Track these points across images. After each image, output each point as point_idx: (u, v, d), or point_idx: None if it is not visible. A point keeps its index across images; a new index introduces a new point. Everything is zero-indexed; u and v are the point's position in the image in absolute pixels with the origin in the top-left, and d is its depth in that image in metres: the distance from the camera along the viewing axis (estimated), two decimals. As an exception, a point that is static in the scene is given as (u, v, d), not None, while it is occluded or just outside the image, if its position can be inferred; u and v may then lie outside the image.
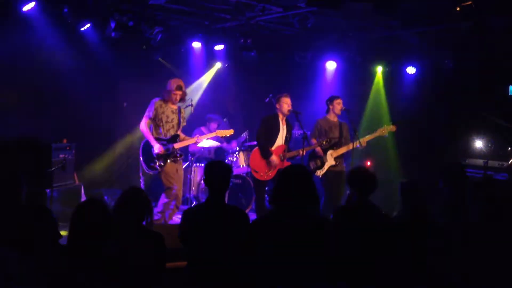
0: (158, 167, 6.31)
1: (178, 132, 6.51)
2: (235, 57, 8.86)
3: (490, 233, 3.29)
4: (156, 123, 6.42)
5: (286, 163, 6.66)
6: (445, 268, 3.42)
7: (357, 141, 6.74)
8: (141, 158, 6.48)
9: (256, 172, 6.69)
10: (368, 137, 6.98)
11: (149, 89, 7.28)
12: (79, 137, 7.46)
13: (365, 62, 9.06)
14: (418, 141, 8.97)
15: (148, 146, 6.39)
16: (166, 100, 6.41)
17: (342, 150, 6.95)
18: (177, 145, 6.39)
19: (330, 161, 6.91)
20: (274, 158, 6.62)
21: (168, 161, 6.34)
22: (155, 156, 6.30)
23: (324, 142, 6.76)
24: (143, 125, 6.42)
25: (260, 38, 8.47)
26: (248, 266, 3.22)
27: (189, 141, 6.62)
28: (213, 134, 6.98)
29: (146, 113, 6.42)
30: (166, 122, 6.41)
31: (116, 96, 8.51)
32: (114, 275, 2.96)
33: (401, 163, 8.99)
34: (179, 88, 6.35)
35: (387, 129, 7.07)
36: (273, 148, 6.70)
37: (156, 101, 6.42)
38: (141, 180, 6.82)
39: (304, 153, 6.66)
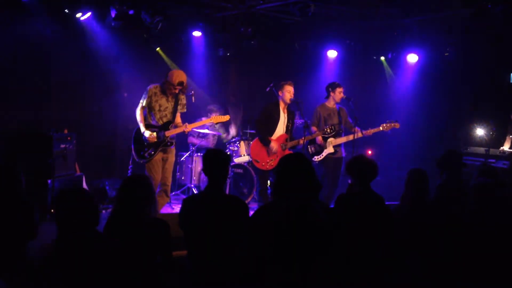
0: (148, 156, 6.24)
1: (175, 119, 6.44)
2: (236, 46, 8.83)
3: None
4: (149, 110, 6.36)
5: (288, 152, 6.64)
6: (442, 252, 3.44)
7: (358, 133, 6.74)
8: (132, 147, 6.35)
9: (257, 162, 6.66)
10: (370, 131, 6.94)
11: (150, 79, 7.23)
12: (80, 127, 7.46)
13: (366, 50, 9.02)
14: (420, 129, 8.96)
15: (139, 134, 6.28)
16: (163, 89, 6.36)
17: (342, 140, 6.97)
18: (168, 133, 6.32)
19: (329, 149, 6.93)
20: (272, 145, 6.61)
21: (159, 150, 6.28)
22: (146, 144, 6.25)
23: (328, 130, 6.74)
24: (138, 112, 6.37)
25: (260, 27, 8.44)
26: (248, 255, 3.22)
27: (178, 130, 6.41)
28: (209, 120, 6.78)
29: (141, 100, 6.37)
30: (159, 110, 6.32)
31: (117, 85, 8.48)
32: (120, 265, 2.96)
33: (403, 151, 8.98)
34: (181, 84, 6.25)
35: (390, 125, 6.99)
36: (273, 138, 6.68)
37: (151, 88, 6.32)
38: (129, 169, 6.69)
39: (304, 142, 6.66)
